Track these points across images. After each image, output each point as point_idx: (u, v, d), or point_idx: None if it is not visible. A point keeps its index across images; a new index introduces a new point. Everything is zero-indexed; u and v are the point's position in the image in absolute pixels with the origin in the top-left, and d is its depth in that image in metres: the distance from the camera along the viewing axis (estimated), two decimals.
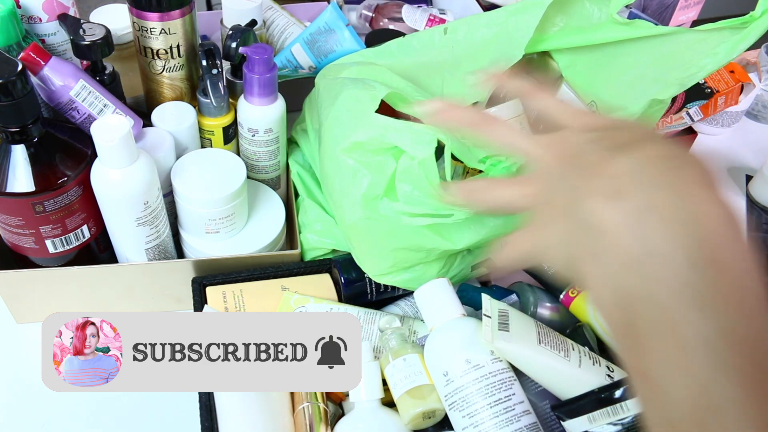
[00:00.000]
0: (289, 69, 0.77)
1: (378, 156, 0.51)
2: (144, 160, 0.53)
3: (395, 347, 0.50)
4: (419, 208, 0.50)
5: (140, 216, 0.55)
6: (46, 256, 0.58)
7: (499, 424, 0.43)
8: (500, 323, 0.47)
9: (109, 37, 0.59)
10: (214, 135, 0.63)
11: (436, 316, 0.49)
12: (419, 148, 0.48)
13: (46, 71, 0.53)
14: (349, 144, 0.51)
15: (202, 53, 0.59)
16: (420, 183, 0.49)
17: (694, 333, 0.22)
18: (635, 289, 0.24)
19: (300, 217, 0.65)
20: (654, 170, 0.26)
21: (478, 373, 0.45)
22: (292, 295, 0.58)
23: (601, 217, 0.26)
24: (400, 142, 0.49)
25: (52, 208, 0.54)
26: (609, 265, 0.25)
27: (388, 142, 0.50)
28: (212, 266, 0.60)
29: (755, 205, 0.82)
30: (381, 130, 0.50)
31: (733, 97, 0.81)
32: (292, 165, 0.68)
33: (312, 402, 0.50)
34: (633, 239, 0.24)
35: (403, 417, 0.47)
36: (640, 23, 0.55)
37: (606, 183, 0.26)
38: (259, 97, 0.60)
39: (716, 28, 0.51)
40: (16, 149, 0.51)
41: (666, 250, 0.23)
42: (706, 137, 0.91)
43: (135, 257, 0.59)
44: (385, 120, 0.50)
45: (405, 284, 0.56)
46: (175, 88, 0.64)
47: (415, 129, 0.49)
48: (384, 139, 0.50)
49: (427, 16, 0.90)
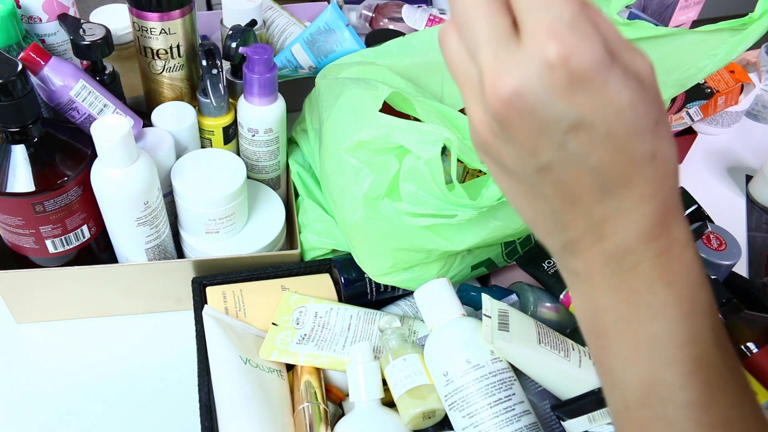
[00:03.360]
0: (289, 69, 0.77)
1: (381, 156, 0.51)
2: (144, 160, 0.53)
3: (395, 347, 0.50)
4: (423, 208, 0.49)
5: (140, 216, 0.55)
6: (46, 256, 0.58)
7: (499, 424, 0.43)
8: (500, 323, 0.47)
9: (109, 37, 0.59)
10: (214, 135, 0.63)
11: (436, 316, 0.49)
12: (425, 147, 0.48)
13: (46, 71, 0.53)
14: (352, 143, 0.51)
15: (202, 53, 0.59)
16: (425, 183, 0.49)
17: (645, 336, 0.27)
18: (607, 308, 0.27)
19: (300, 217, 0.65)
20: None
21: (478, 373, 0.45)
22: (292, 295, 0.58)
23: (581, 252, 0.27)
24: (406, 142, 0.49)
25: (52, 208, 0.54)
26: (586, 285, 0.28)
27: (393, 142, 0.50)
28: (212, 266, 0.60)
29: (755, 205, 0.82)
30: (386, 130, 0.50)
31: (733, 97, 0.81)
32: (292, 165, 0.68)
33: (312, 402, 0.50)
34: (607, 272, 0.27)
35: (403, 417, 0.47)
36: (641, 24, 0.55)
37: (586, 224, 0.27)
38: (259, 97, 0.60)
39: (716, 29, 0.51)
40: (16, 149, 0.51)
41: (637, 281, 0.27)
42: (706, 137, 0.91)
43: (135, 257, 0.59)
44: (390, 119, 0.50)
45: (405, 284, 0.56)
46: (175, 88, 0.64)
47: (420, 129, 0.49)
48: (389, 139, 0.50)
49: (427, 16, 0.90)
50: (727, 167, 0.88)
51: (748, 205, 0.83)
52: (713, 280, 0.53)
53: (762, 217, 0.81)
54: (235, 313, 0.56)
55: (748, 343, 0.49)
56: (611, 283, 0.27)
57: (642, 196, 0.25)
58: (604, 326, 0.28)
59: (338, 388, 0.54)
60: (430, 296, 0.50)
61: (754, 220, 0.81)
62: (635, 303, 0.27)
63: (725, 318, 0.51)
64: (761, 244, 0.78)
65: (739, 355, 0.48)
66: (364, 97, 0.53)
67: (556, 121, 0.24)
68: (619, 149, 0.24)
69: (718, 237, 0.59)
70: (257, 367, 0.52)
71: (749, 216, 0.81)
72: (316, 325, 0.56)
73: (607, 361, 0.28)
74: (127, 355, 0.62)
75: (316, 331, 0.55)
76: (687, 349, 0.26)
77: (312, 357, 0.53)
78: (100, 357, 0.61)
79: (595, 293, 0.28)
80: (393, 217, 0.51)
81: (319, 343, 0.54)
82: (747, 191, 0.84)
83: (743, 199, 0.83)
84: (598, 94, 0.23)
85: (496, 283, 0.62)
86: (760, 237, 0.79)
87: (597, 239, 0.27)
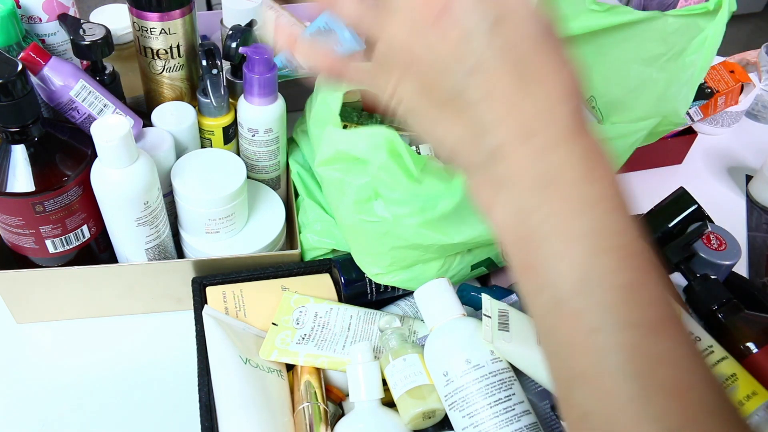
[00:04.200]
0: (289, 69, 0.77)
1: (353, 162, 0.51)
2: (144, 160, 0.53)
3: (395, 347, 0.50)
4: (404, 208, 0.50)
5: (140, 216, 0.55)
6: (46, 256, 0.58)
7: (499, 424, 0.43)
8: (500, 323, 0.47)
9: (109, 37, 0.59)
10: (214, 135, 0.63)
11: (436, 316, 0.49)
12: (373, 152, 0.48)
13: (46, 71, 0.53)
14: (320, 160, 0.52)
15: (202, 53, 0.59)
16: (391, 185, 0.49)
17: (577, 230, 0.27)
18: (530, 204, 0.28)
19: (300, 217, 0.65)
20: (558, 113, 0.28)
21: (478, 373, 0.45)
22: (292, 295, 0.58)
23: (509, 152, 0.28)
24: (357, 152, 0.49)
25: (52, 208, 0.54)
26: (509, 190, 0.29)
27: (350, 154, 0.50)
28: (212, 266, 0.60)
29: (755, 205, 0.82)
30: (336, 145, 0.51)
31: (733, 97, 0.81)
32: (292, 165, 0.69)
33: (312, 402, 0.50)
34: (534, 170, 0.28)
35: (403, 417, 0.47)
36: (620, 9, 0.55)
37: (518, 122, 0.28)
38: (259, 97, 0.60)
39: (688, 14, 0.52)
40: (16, 149, 0.51)
41: (561, 175, 0.28)
42: (706, 137, 0.91)
43: (135, 257, 0.59)
44: (338, 134, 0.51)
45: (404, 284, 0.56)
46: (175, 88, 0.64)
47: (365, 134, 0.49)
48: (346, 152, 0.50)
49: None
50: (727, 167, 0.88)
51: (748, 205, 0.83)
52: (713, 280, 0.53)
53: (762, 217, 0.81)
54: (235, 313, 0.56)
55: (748, 343, 0.49)
56: (540, 182, 0.28)
57: (564, 92, 0.28)
58: (531, 227, 0.28)
59: (338, 388, 0.54)
60: (430, 296, 0.50)
61: (754, 220, 0.81)
62: (565, 199, 0.28)
63: (725, 318, 0.51)
64: (761, 244, 0.78)
65: (739, 355, 0.48)
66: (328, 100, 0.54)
67: (481, 19, 0.27)
68: (536, 42, 0.28)
69: (718, 237, 0.59)
70: (257, 367, 0.52)
71: (749, 216, 0.81)
72: (316, 325, 0.56)
73: (535, 263, 0.28)
74: (127, 355, 0.62)
75: (316, 331, 0.55)
76: (618, 239, 0.27)
77: (312, 357, 0.53)
78: (100, 357, 0.61)
79: (523, 196, 0.28)
80: (387, 217, 0.51)
81: (319, 343, 0.54)
82: (747, 191, 0.84)
83: (743, 199, 0.83)
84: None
85: (496, 283, 0.62)
86: (760, 237, 0.79)
87: (527, 136, 0.28)
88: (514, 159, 0.28)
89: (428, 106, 0.30)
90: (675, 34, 0.53)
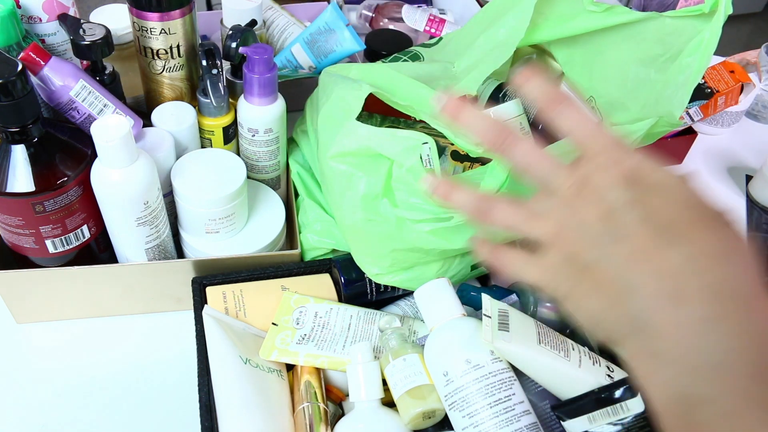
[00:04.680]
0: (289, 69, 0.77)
1: (369, 158, 0.51)
2: (144, 160, 0.53)
3: (395, 347, 0.50)
4: (419, 213, 0.50)
5: (140, 216, 0.55)
6: (46, 256, 0.58)
7: (499, 424, 0.43)
8: (500, 323, 0.47)
9: (109, 37, 0.59)
10: (214, 135, 0.63)
11: (436, 316, 0.49)
12: (405, 155, 0.48)
13: (46, 71, 0.53)
14: (335, 152, 0.52)
15: (202, 53, 0.59)
16: (413, 190, 0.49)
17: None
18: (697, 392, 0.26)
19: (300, 217, 0.65)
20: (713, 276, 0.26)
21: (478, 373, 0.45)
22: (292, 295, 0.58)
23: (660, 319, 0.26)
24: (386, 151, 0.49)
25: (52, 208, 0.54)
26: (668, 367, 0.26)
27: (374, 151, 0.50)
28: (212, 266, 0.60)
29: (755, 205, 0.82)
30: (364, 141, 0.50)
31: (733, 97, 0.81)
32: (292, 165, 0.69)
33: (312, 402, 0.50)
34: (697, 348, 0.25)
35: (403, 417, 0.47)
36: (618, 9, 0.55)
37: (664, 282, 0.26)
38: (259, 97, 0.60)
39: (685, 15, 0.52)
40: (16, 149, 0.51)
41: (732, 362, 0.25)
42: (706, 137, 0.91)
43: (135, 257, 0.59)
44: (367, 130, 0.50)
45: (404, 284, 0.56)
46: (175, 88, 0.64)
47: (398, 136, 0.49)
48: (370, 149, 0.50)
49: (427, 16, 0.90)
50: (727, 167, 0.88)
51: (748, 205, 0.83)
52: None
53: (762, 217, 0.81)
54: (235, 313, 0.56)
55: None
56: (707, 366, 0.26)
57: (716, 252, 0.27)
58: (702, 422, 0.25)
59: (338, 388, 0.54)
60: (430, 296, 0.50)
61: (754, 220, 0.81)
62: (740, 394, 0.25)
63: None
64: (761, 244, 0.78)
65: None
66: (347, 98, 0.53)
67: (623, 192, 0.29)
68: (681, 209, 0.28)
69: None
70: (257, 367, 0.52)
71: (749, 216, 0.81)
72: (316, 325, 0.56)
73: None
74: (127, 355, 0.62)
75: (316, 331, 0.55)
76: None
77: (312, 357, 0.53)
78: (100, 357, 0.61)
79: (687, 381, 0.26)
80: (391, 218, 0.51)
81: (319, 343, 0.54)
82: (747, 191, 0.84)
83: (743, 199, 0.83)
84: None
85: (496, 283, 0.62)
86: (760, 237, 0.79)
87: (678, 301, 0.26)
88: (667, 327, 0.26)
89: (572, 273, 0.30)
90: (672, 35, 0.53)
